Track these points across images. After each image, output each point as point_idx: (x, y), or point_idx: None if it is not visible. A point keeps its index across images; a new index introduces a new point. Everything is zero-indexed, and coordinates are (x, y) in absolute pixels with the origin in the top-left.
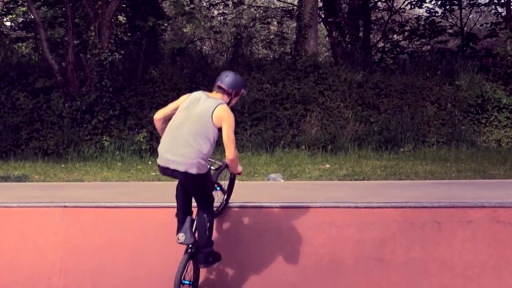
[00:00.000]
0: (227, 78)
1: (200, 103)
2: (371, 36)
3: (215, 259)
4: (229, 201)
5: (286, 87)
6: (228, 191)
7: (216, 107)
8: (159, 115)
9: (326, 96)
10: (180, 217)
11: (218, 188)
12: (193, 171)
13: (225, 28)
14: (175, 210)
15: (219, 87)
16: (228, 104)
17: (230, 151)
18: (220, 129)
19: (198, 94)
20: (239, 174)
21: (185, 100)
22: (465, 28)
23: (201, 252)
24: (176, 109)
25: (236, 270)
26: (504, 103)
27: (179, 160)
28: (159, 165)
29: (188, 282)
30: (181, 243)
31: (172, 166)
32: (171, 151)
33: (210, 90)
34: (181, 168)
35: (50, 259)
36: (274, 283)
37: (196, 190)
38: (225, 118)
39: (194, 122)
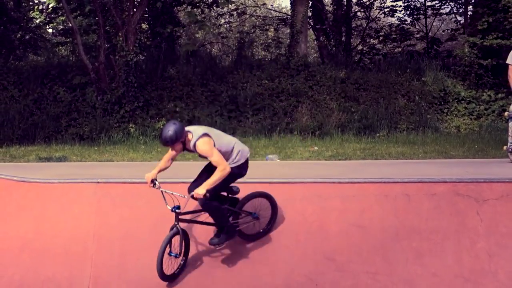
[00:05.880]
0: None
1: None
2: (352, 40)
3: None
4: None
5: (281, 83)
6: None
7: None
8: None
9: (315, 90)
10: None
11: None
12: None
13: (231, 34)
14: (188, 186)
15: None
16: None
17: None
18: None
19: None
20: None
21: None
22: (429, 34)
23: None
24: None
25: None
26: (463, 95)
27: None
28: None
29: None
30: None
31: None
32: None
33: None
34: None
35: (85, 227)
36: (271, 246)
37: None
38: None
39: None
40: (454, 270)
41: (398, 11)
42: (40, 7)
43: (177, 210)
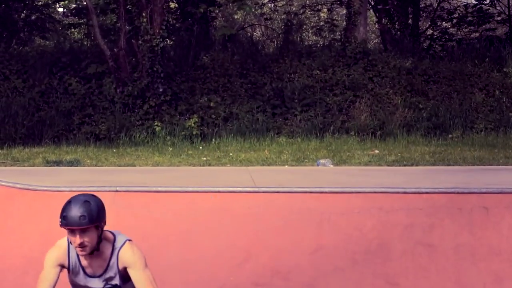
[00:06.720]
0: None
1: None
2: (420, 23)
3: None
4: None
5: (336, 74)
6: None
7: None
8: None
9: (375, 83)
10: None
11: None
12: None
13: (276, 15)
14: (226, 195)
15: None
16: None
17: None
18: None
19: None
20: None
21: None
22: None
23: None
24: None
25: (286, 254)
26: None
27: None
28: None
29: None
30: None
31: None
32: None
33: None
34: None
35: None
36: (323, 267)
37: None
38: None
39: None
40: None
41: None
42: None
43: None
